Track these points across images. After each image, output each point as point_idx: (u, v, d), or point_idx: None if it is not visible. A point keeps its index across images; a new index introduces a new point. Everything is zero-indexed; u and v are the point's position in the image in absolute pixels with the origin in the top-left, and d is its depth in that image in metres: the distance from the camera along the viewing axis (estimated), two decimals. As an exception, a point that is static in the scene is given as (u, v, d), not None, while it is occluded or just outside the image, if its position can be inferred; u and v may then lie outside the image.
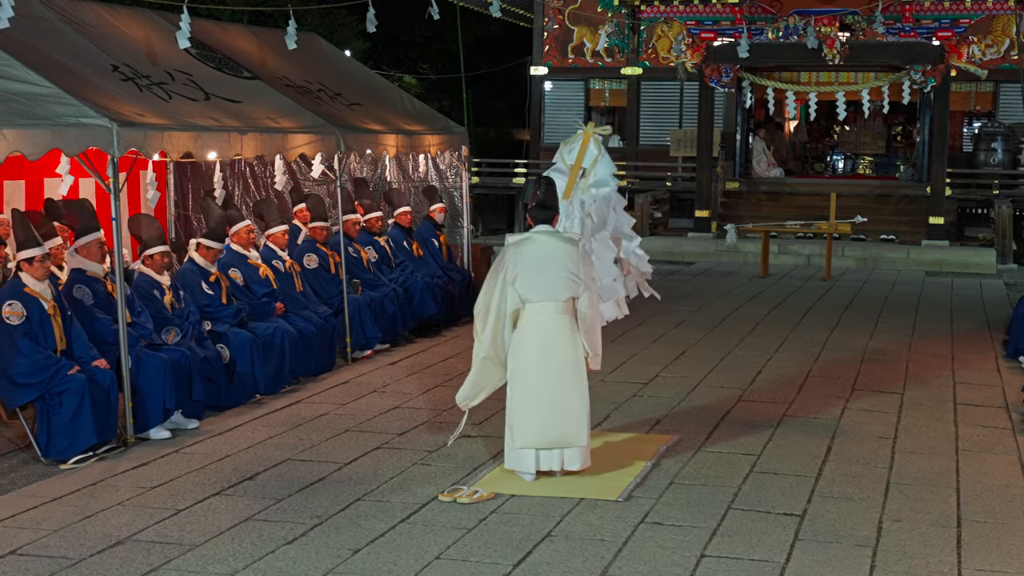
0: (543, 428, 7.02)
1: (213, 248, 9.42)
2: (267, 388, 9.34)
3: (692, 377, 10.24)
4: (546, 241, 7.07)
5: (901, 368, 10.76)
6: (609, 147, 26.50)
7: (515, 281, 6.98)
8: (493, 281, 7.09)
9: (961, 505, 6.77)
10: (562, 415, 7.04)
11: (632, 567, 5.76)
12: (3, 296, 7.60)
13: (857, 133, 26.55)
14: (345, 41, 27.29)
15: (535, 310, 7.00)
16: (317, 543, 6.06)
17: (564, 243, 7.09)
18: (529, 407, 7.03)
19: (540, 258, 7.02)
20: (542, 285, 6.99)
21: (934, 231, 20.42)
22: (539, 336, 7.01)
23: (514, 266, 7.00)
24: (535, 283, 6.99)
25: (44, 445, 7.54)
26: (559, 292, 7.00)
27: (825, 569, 5.75)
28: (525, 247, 7.06)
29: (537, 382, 7.01)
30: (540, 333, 7.01)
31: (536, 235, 7.10)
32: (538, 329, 7.01)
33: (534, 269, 6.99)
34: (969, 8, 22.52)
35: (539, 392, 7.01)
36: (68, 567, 5.69)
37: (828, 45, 19.86)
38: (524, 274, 6.98)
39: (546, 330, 7.01)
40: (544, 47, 25.55)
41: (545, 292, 6.99)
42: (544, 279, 6.99)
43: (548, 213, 7.17)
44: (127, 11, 10.48)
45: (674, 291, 15.98)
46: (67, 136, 7.46)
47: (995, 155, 22.79)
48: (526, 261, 7.00)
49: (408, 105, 13.40)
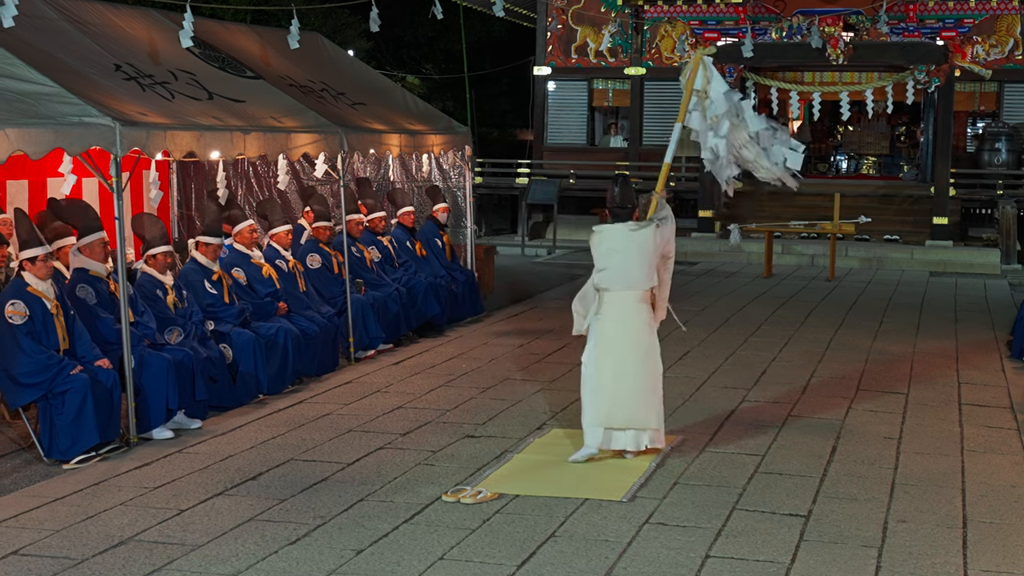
0: (613, 408, 7.45)
1: (212, 244, 9.39)
2: (270, 388, 9.33)
3: (696, 377, 10.22)
4: (624, 233, 7.49)
5: (905, 368, 10.74)
6: (612, 147, 26.33)
7: (598, 271, 7.49)
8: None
9: (967, 506, 6.75)
10: (633, 397, 7.49)
11: (636, 568, 5.73)
12: (6, 296, 7.59)
13: (861, 133, 26.50)
14: (348, 41, 27.25)
15: (615, 298, 7.47)
16: (320, 543, 6.04)
17: (640, 233, 7.48)
18: (603, 388, 7.46)
19: (620, 248, 7.46)
20: (622, 275, 7.46)
21: (938, 231, 20.39)
22: (617, 322, 7.49)
23: (597, 257, 7.52)
24: (615, 274, 7.46)
25: (47, 445, 7.53)
26: (638, 282, 7.48)
27: (830, 570, 5.73)
28: (606, 238, 7.51)
29: (613, 365, 7.48)
30: (618, 319, 7.49)
31: (616, 227, 7.54)
32: (616, 315, 7.49)
33: (616, 260, 7.46)
34: (973, 8, 22.52)
35: (614, 374, 7.47)
36: (70, 567, 5.68)
37: (832, 45, 19.84)
38: (605, 265, 7.46)
39: (625, 316, 7.49)
40: (548, 47, 25.52)
41: (624, 282, 7.47)
42: (623, 270, 7.46)
43: (627, 212, 7.59)
44: (130, 10, 10.47)
45: (678, 291, 15.91)
46: (70, 135, 7.45)
47: (999, 155, 22.73)
48: (608, 252, 7.48)
49: (411, 105, 13.39)
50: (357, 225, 11.59)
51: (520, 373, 10.37)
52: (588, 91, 25.67)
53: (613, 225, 7.57)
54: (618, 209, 7.60)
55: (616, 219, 7.59)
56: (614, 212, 7.63)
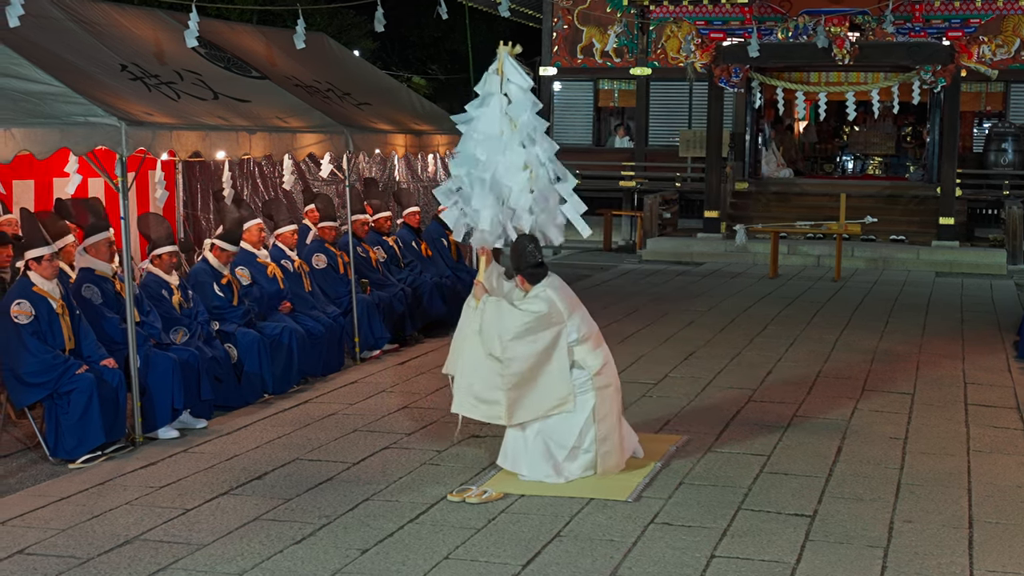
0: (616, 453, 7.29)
1: (227, 251, 9.42)
2: (275, 388, 9.33)
3: (702, 377, 10.21)
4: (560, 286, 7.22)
5: (911, 369, 10.72)
6: (617, 147, 26.21)
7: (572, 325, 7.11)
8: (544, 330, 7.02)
9: (973, 506, 6.73)
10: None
11: (642, 567, 5.73)
12: (12, 295, 7.59)
13: (867, 133, 26.48)
14: (354, 41, 27.32)
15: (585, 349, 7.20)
16: (325, 543, 6.04)
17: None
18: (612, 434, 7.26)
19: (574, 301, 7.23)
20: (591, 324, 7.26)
21: (944, 232, 20.36)
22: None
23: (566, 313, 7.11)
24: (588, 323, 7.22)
25: (52, 444, 7.54)
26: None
27: (836, 570, 5.72)
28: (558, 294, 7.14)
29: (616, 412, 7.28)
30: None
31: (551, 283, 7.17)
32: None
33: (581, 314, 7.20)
34: (979, 8, 22.50)
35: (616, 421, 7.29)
36: (76, 566, 5.68)
37: (838, 45, 19.81)
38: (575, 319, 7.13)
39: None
40: (553, 47, 25.52)
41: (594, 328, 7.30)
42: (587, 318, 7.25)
43: (544, 269, 7.18)
44: (136, 11, 10.48)
45: (683, 291, 15.96)
46: (75, 135, 7.46)
47: (1005, 155, 22.71)
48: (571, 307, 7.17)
49: (417, 105, 13.39)
50: (363, 225, 11.60)
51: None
52: (594, 91, 25.67)
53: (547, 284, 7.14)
54: (536, 269, 7.13)
55: (535, 282, 7.13)
56: (534, 273, 7.13)
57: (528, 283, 7.16)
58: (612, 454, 7.18)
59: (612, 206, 23.36)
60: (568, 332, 7.06)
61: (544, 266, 7.18)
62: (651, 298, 15.14)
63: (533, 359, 6.96)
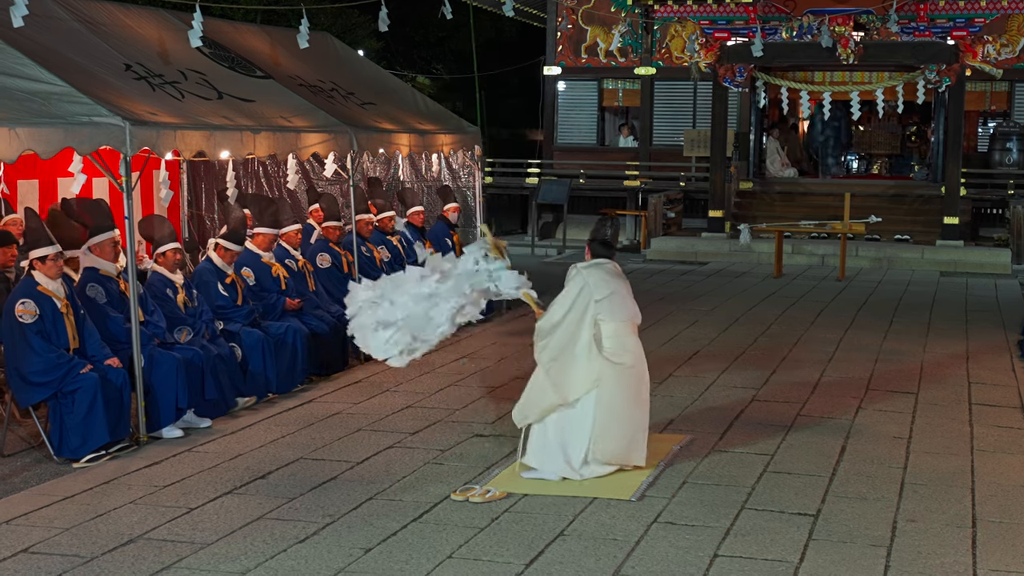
0: (618, 443, 7.14)
1: (232, 250, 9.43)
2: (279, 387, 9.34)
3: (706, 377, 10.21)
4: (614, 270, 7.29)
5: (916, 368, 10.72)
6: (622, 147, 26.18)
7: (601, 302, 7.11)
8: (570, 302, 7.12)
9: (976, 505, 6.73)
10: (634, 432, 7.19)
11: (645, 567, 5.73)
12: (16, 295, 7.61)
13: (871, 133, 26.46)
14: (358, 41, 27.31)
15: (617, 330, 7.14)
16: (329, 542, 6.05)
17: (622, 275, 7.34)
18: (613, 423, 7.10)
19: (616, 284, 7.21)
20: (622, 308, 7.19)
21: (949, 231, 20.33)
22: (627, 354, 7.17)
23: (597, 290, 7.12)
24: (617, 306, 7.16)
25: (57, 444, 7.55)
26: (635, 314, 7.27)
27: (839, 569, 5.72)
28: (598, 272, 7.20)
29: (622, 400, 7.11)
30: (626, 351, 7.16)
31: (605, 264, 7.29)
32: (624, 347, 7.15)
33: (616, 294, 7.17)
34: (984, 7, 22.44)
35: (624, 410, 7.12)
36: (80, 565, 5.69)
37: (842, 44, 19.79)
38: (606, 298, 7.11)
39: (630, 348, 7.18)
40: (557, 47, 25.50)
41: (624, 314, 7.19)
42: (623, 303, 7.20)
43: (609, 252, 7.37)
44: (140, 10, 10.50)
45: (688, 291, 15.95)
46: (80, 135, 7.47)
47: (1010, 155, 22.67)
48: (606, 285, 7.16)
49: (421, 104, 13.40)
50: (367, 225, 11.60)
51: (529, 372, 10.33)
52: (598, 91, 25.64)
53: (603, 261, 7.31)
54: (599, 246, 7.36)
55: (596, 256, 7.31)
56: (595, 248, 7.35)
57: (590, 254, 7.38)
58: (608, 440, 7.10)
59: (616, 206, 23.37)
60: (596, 311, 7.10)
61: (609, 248, 7.38)
62: (655, 297, 15.13)
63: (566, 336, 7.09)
